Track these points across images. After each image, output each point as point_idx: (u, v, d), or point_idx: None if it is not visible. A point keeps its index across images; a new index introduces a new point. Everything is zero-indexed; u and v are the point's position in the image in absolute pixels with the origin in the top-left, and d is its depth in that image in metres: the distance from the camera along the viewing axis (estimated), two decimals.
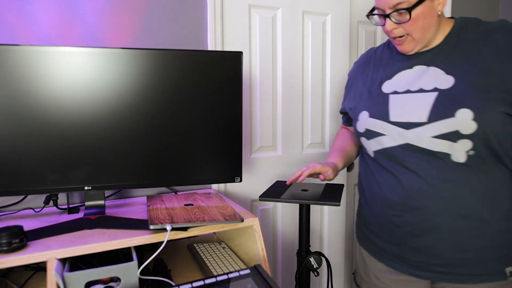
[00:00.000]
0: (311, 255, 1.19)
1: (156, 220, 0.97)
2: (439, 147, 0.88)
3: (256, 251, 1.10)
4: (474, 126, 0.83)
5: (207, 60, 1.15)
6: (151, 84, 1.11)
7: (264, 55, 1.62)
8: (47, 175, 1.05)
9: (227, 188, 1.59)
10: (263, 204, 1.69)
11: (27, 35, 1.21)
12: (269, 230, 1.72)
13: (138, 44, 1.37)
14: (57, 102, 1.04)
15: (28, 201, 1.24)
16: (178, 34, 1.43)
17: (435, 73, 0.91)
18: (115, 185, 1.11)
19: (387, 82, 1.00)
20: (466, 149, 0.86)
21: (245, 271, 0.85)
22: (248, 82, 1.60)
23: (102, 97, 1.07)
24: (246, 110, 1.60)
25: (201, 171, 1.19)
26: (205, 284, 0.79)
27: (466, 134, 0.84)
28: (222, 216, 1.03)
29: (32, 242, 0.90)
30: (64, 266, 0.88)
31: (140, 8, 1.36)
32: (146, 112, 1.12)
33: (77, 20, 1.27)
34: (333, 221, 1.88)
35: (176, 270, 1.18)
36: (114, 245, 0.91)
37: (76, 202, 1.31)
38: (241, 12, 1.55)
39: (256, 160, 1.65)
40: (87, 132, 1.07)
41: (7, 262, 0.81)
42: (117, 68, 1.08)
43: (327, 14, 1.76)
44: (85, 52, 1.05)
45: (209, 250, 1.25)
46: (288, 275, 1.78)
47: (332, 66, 1.79)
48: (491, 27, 0.89)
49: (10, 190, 1.02)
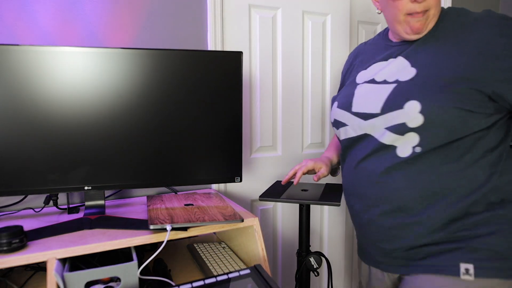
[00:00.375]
0: (311, 255, 1.19)
1: (156, 220, 0.97)
2: (388, 139, 0.86)
3: (256, 251, 1.10)
4: (420, 119, 0.80)
5: (207, 60, 1.15)
6: (151, 84, 1.11)
7: (264, 55, 1.62)
8: (47, 175, 1.05)
9: (227, 188, 1.59)
10: (263, 204, 1.69)
11: (27, 35, 1.21)
12: (269, 230, 1.72)
13: (138, 44, 1.36)
14: (57, 102, 1.04)
15: (28, 201, 1.24)
16: (178, 34, 1.43)
17: (401, 65, 0.89)
18: (115, 185, 1.11)
19: (362, 72, 1.00)
20: (412, 144, 0.83)
21: (245, 271, 0.85)
22: (248, 82, 1.60)
23: (102, 97, 1.07)
24: (246, 110, 1.60)
25: (201, 171, 1.19)
26: (205, 284, 0.79)
27: (413, 127, 0.82)
28: (222, 216, 1.03)
29: (32, 242, 0.90)
30: (64, 266, 0.88)
31: (140, 8, 1.36)
32: (146, 112, 1.12)
33: (77, 20, 1.27)
34: (333, 221, 1.88)
35: (176, 270, 1.18)
36: (114, 245, 0.91)
37: (76, 202, 1.31)
38: (241, 12, 1.55)
39: (256, 160, 1.65)
40: (87, 132, 1.07)
41: (7, 262, 0.81)
42: (117, 68, 1.08)
43: (327, 14, 1.76)
44: (85, 52, 1.05)
45: (209, 250, 1.25)
46: (288, 275, 1.78)
47: (332, 66, 1.79)
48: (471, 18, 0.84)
49: (10, 190, 1.02)
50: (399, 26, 0.88)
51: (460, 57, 0.81)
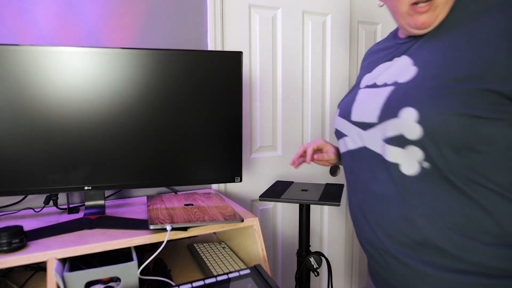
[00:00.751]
0: (311, 255, 1.19)
1: (156, 220, 0.97)
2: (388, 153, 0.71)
3: (256, 251, 1.10)
4: (418, 130, 0.65)
5: (207, 60, 1.15)
6: (151, 84, 1.11)
7: (264, 55, 1.62)
8: (47, 175, 1.05)
9: (227, 188, 1.59)
10: (263, 204, 1.69)
11: (27, 35, 1.21)
12: (269, 230, 1.72)
13: (138, 44, 1.36)
14: (57, 102, 1.04)
15: (28, 201, 1.24)
16: (178, 34, 1.43)
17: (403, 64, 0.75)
18: (115, 185, 1.11)
19: (366, 75, 0.87)
20: (417, 158, 0.67)
21: (245, 271, 0.85)
22: (248, 82, 1.60)
23: (101, 97, 1.07)
24: (246, 110, 1.60)
25: (201, 171, 1.19)
26: (205, 284, 0.79)
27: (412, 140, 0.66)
28: (222, 216, 1.03)
29: (32, 242, 0.90)
30: (64, 266, 0.88)
31: (140, 8, 1.36)
32: (146, 112, 1.11)
33: (77, 20, 1.27)
34: (333, 221, 1.88)
35: (176, 270, 1.18)
36: (114, 245, 0.91)
37: (76, 202, 1.31)
38: (241, 12, 1.55)
39: (256, 160, 1.65)
40: (87, 132, 1.07)
41: (7, 262, 0.81)
42: (117, 68, 1.08)
43: (327, 14, 1.76)
44: (85, 52, 1.05)
45: (209, 250, 1.25)
46: (288, 275, 1.78)
47: (332, 66, 1.79)
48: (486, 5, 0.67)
49: (10, 190, 1.02)
50: (402, 19, 0.75)
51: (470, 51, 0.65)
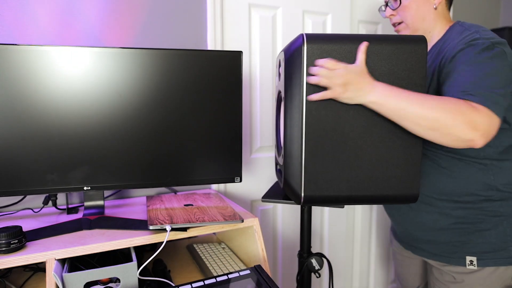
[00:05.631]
0: (312, 256, 1.18)
1: (155, 220, 0.96)
2: None
3: (256, 252, 1.09)
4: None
5: (207, 59, 1.15)
6: (151, 84, 1.11)
7: (264, 55, 1.62)
8: (46, 175, 1.04)
9: (227, 188, 1.59)
10: (263, 205, 1.69)
11: (27, 35, 1.20)
12: (269, 230, 1.71)
13: (138, 44, 1.36)
14: (57, 102, 1.03)
15: (27, 201, 1.23)
16: (178, 34, 1.42)
17: None
18: (115, 185, 1.11)
19: None
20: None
21: (245, 271, 0.85)
22: (248, 82, 1.59)
23: (101, 97, 1.07)
24: (246, 110, 1.60)
25: (201, 171, 1.19)
26: (204, 285, 0.78)
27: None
28: (222, 216, 1.03)
29: (31, 242, 0.90)
30: (63, 267, 0.88)
31: (140, 8, 1.35)
32: (145, 112, 1.11)
33: (77, 20, 1.26)
34: (334, 222, 1.88)
35: (175, 270, 1.17)
36: (113, 245, 0.90)
37: (75, 202, 1.31)
38: (241, 12, 1.54)
39: (256, 160, 1.65)
40: (87, 132, 1.06)
41: (6, 263, 0.81)
42: (116, 68, 1.07)
43: (327, 14, 1.76)
44: (84, 51, 1.04)
45: (209, 250, 1.25)
46: (288, 276, 1.78)
47: None
48: (458, 41, 0.95)
49: (9, 190, 1.02)
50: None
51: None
